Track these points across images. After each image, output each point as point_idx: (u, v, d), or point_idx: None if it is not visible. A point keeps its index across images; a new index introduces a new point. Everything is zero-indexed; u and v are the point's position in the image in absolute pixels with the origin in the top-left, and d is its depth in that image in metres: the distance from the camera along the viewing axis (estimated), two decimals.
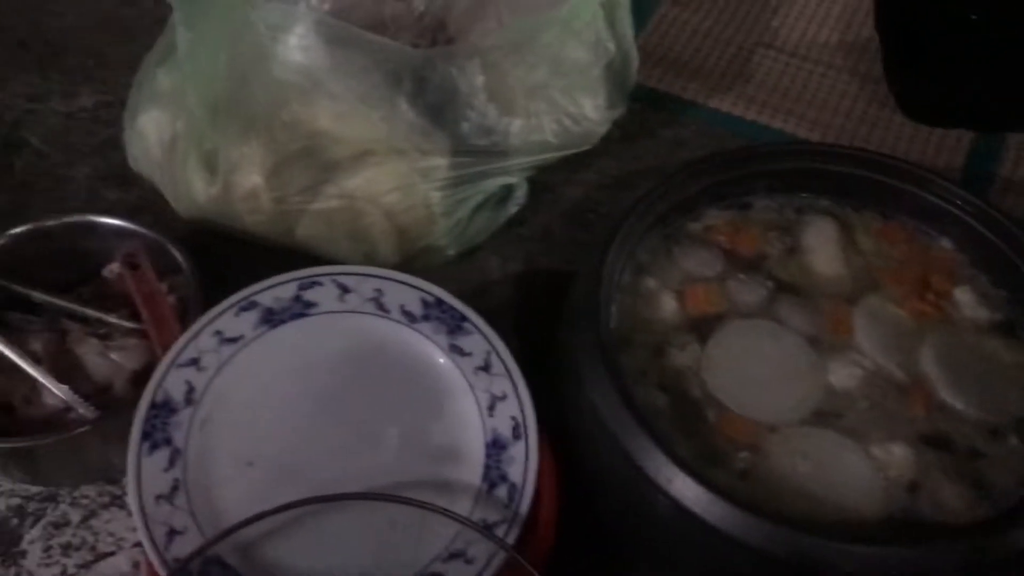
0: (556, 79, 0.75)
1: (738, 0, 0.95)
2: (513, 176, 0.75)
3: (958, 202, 0.64)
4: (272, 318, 0.61)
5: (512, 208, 0.76)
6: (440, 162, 0.71)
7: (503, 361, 0.60)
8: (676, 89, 0.87)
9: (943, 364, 0.58)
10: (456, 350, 0.60)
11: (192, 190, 0.72)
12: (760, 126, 0.84)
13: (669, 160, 0.82)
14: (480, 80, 0.73)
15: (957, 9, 0.84)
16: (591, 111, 0.77)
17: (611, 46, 0.77)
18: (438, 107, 0.72)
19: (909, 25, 0.87)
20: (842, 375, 0.57)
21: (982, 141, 0.84)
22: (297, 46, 0.69)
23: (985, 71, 0.83)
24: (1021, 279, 0.61)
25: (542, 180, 0.77)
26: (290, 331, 0.60)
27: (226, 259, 0.69)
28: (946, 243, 0.64)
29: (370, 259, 0.71)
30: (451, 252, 0.73)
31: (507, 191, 0.76)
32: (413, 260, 0.72)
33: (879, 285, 0.62)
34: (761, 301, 0.61)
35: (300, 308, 0.61)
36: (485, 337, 0.60)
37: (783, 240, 0.65)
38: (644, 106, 0.85)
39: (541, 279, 0.74)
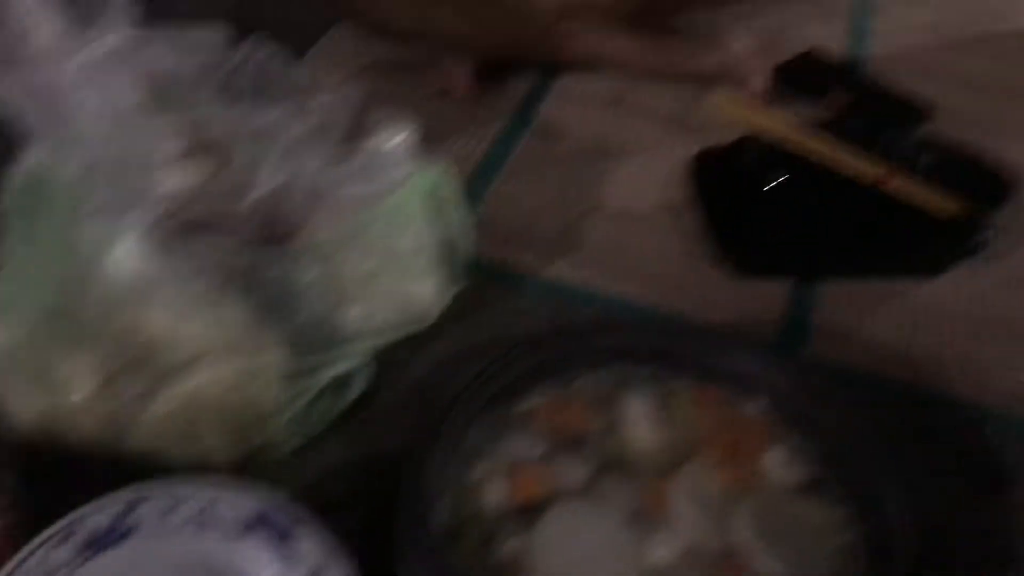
0: (389, 266, 0.78)
1: (569, 168, 1.01)
2: (353, 361, 0.77)
3: (765, 364, 0.69)
4: (96, 543, 0.60)
5: (353, 393, 0.77)
6: (275, 358, 0.73)
7: (337, 567, 0.60)
8: (512, 261, 0.91)
9: (757, 529, 0.61)
10: (286, 559, 0.60)
11: (24, 405, 0.71)
12: (592, 291, 0.88)
13: (507, 332, 0.84)
14: (313, 274, 0.76)
15: (762, 170, 0.92)
16: (426, 292, 0.81)
17: (442, 230, 0.81)
18: (272, 303, 0.74)
19: (721, 185, 0.94)
20: (661, 552, 0.60)
21: (800, 290, 0.90)
22: (127, 256, 0.71)
23: (794, 225, 0.90)
24: (825, 437, 0.66)
25: (384, 361, 0.79)
26: (114, 557, 0.59)
27: (59, 476, 0.68)
28: (758, 404, 0.68)
29: (206, 462, 0.71)
30: (291, 445, 0.74)
31: (348, 377, 0.77)
32: (251, 458, 0.72)
33: (695, 453, 0.65)
34: (584, 481, 0.63)
35: (125, 530, 0.60)
36: (318, 542, 0.61)
37: (604, 415, 0.67)
38: (482, 280, 0.88)
39: (385, 465, 0.75)
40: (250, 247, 0.77)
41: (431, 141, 1.02)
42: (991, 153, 0.98)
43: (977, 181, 0.94)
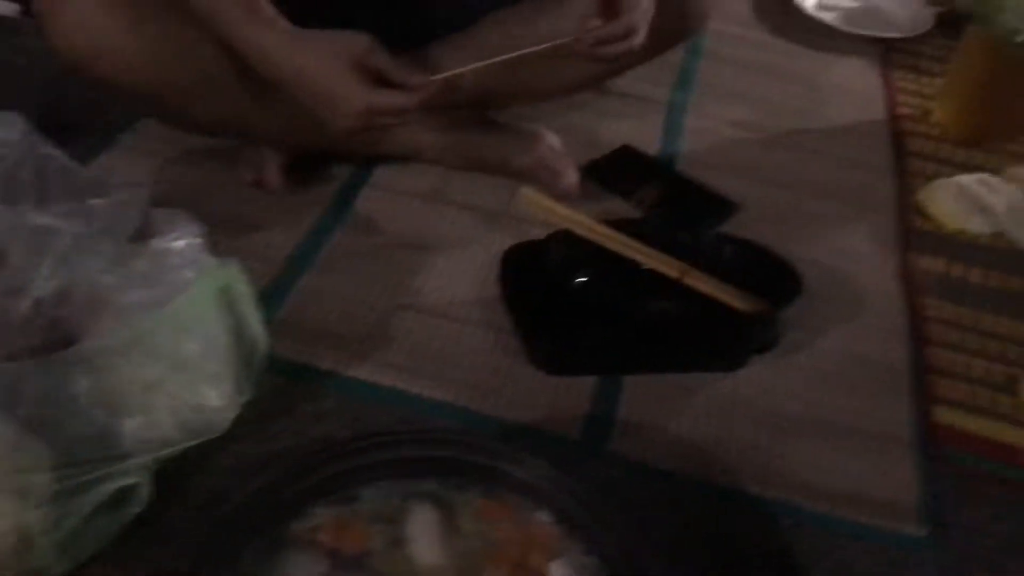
0: (174, 374, 0.75)
1: (380, 264, 1.00)
2: (132, 476, 0.72)
3: (552, 474, 0.68)
4: None
5: (132, 510, 0.72)
6: (39, 478, 0.68)
7: None
8: (316, 360, 0.89)
9: None
10: None
11: None
12: (398, 392, 0.87)
13: (308, 436, 0.82)
14: (85, 384, 0.72)
15: (568, 267, 0.93)
16: (216, 399, 0.77)
17: (232, 334, 0.78)
18: (37, 418, 0.69)
19: (529, 282, 0.94)
20: None
21: (605, 386, 0.91)
22: None
23: (599, 322, 0.91)
24: (613, 546, 0.65)
25: (170, 472, 0.75)
26: None
27: None
28: (543, 516, 0.68)
29: None
30: (59, 571, 0.69)
31: (127, 493, 0.73)
32: None
33: (480, 570, 0.64)
34: None
35: None
36: None
37: (388, 532, 0.66)
38: (284, 380, 0.85)
39: None
40: (16, 357, 0.72)
41: (239, 234, 1.00)
42: (789, 246, 1.03)
43: (772, 276, 0.98)
